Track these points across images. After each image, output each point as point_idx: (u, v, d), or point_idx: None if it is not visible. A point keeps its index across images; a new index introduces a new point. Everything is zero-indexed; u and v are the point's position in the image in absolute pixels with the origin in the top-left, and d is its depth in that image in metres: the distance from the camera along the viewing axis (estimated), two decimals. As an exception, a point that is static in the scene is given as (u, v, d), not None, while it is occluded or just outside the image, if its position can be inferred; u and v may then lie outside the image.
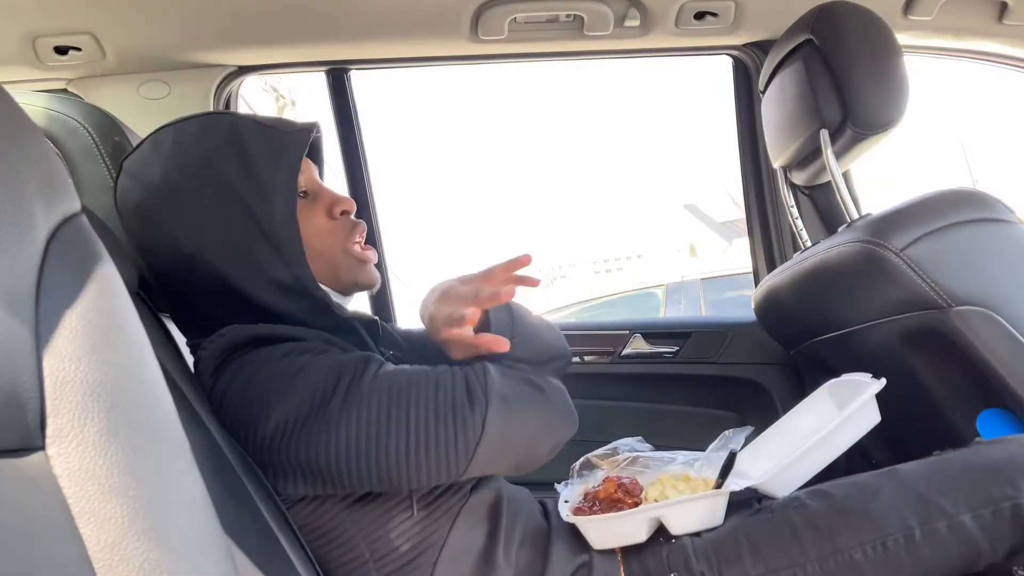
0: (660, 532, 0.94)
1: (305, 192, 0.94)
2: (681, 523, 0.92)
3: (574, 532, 0.95)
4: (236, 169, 0.86)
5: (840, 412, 0.96)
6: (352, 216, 0.97)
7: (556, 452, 0.89)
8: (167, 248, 0.88)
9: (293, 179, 0.88)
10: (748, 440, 1.07)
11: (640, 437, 1.11)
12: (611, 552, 0.92)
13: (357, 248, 0.96)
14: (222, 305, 0.88)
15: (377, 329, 1.00)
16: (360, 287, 0.97)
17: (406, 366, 0.85)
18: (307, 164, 0.96)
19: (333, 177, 1.41)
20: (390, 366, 0.84)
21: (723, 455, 0.98)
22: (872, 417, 0.98)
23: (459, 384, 0.81)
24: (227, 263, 0.87)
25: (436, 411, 0.79)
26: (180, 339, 0.94)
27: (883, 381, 0.97)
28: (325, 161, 1.04)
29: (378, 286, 0.99)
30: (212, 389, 0.83)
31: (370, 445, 0.77)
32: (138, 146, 0.92)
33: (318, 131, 0.97)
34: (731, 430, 1.04)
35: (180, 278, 0.89)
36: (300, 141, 0.90)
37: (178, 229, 0.87)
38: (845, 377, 1.08)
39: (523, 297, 0.88)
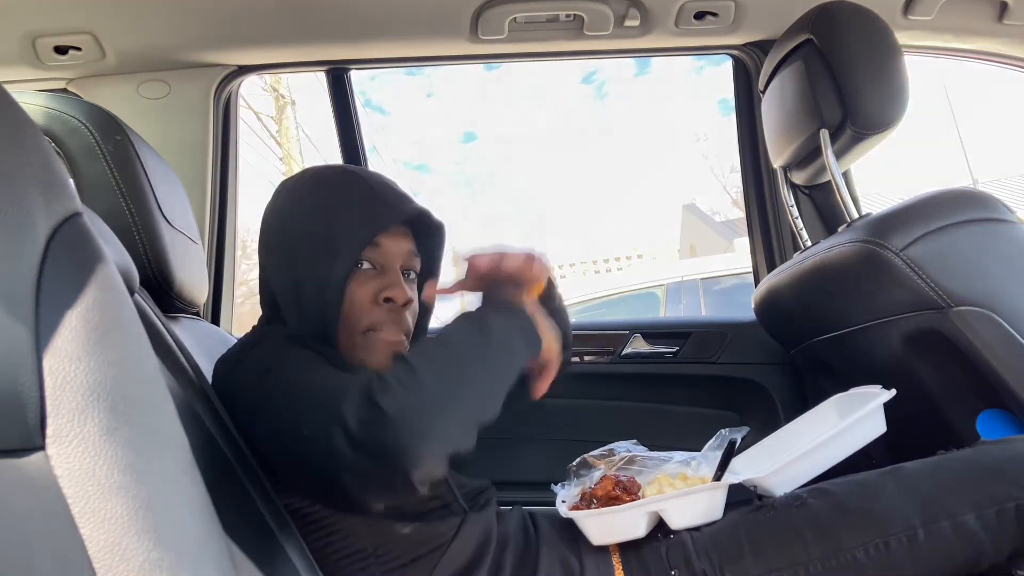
0: (658, 528, 0.94)
1: (372, 265, 0.95)
2: (681, 517, 0.92)
3: (565, 539, 0.95)
4: (321, 224, 0.93)
5: (846, 419, 0.96)
6: (399, 306, 0.94)
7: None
8: (270, 259, 0.98)
9: (357, 247, 0.92)
10: (748, 443, 1.07)
11: (635, 440, 1.11)
12: (606, 553, 0.92)
13: (382, 336, 0.94)
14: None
15: None
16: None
17: None
18: (402, 242, 0.97)
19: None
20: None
21: (719, 454, 0.98)
22: (877, 427, 0.98)
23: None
24: (286, 292, 0.94)
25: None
26: (184, 339, 0.93)
27: (893, 392, 0.97)
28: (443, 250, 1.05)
29: None
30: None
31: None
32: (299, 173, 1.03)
33: (428, 217, 1.00)
34: (727, 429, 1.04)
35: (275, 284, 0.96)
36: (386, 217, 0.94)
37: (279, 249, 0.96)
38: (853, 390, 1.08)
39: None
